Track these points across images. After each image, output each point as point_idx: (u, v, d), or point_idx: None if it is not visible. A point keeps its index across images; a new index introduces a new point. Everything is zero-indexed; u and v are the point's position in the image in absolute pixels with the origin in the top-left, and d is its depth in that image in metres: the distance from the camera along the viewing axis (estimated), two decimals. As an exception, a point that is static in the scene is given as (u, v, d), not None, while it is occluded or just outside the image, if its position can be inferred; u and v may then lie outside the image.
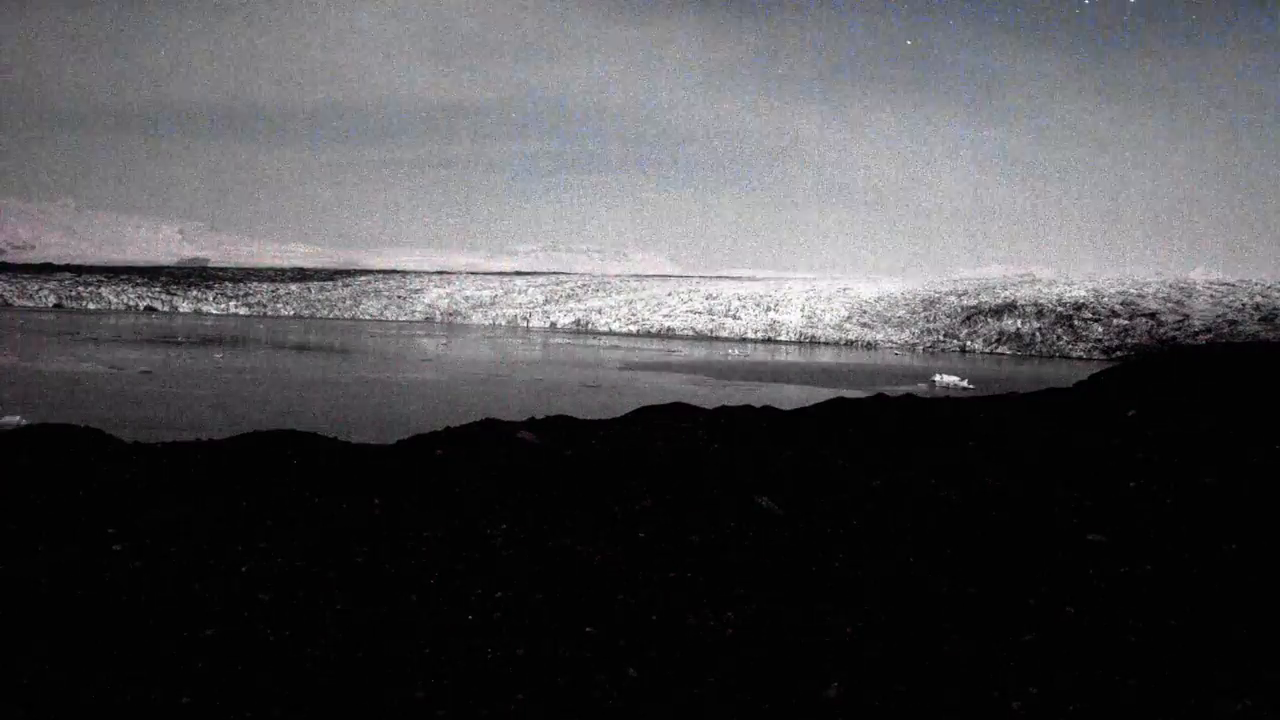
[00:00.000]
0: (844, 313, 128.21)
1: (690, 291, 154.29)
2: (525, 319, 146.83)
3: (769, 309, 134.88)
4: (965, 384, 44.52)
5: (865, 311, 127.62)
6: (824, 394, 26.56)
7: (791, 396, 30.15)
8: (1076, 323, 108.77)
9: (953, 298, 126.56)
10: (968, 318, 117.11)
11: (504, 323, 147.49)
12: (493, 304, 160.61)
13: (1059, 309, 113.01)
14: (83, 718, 2.94)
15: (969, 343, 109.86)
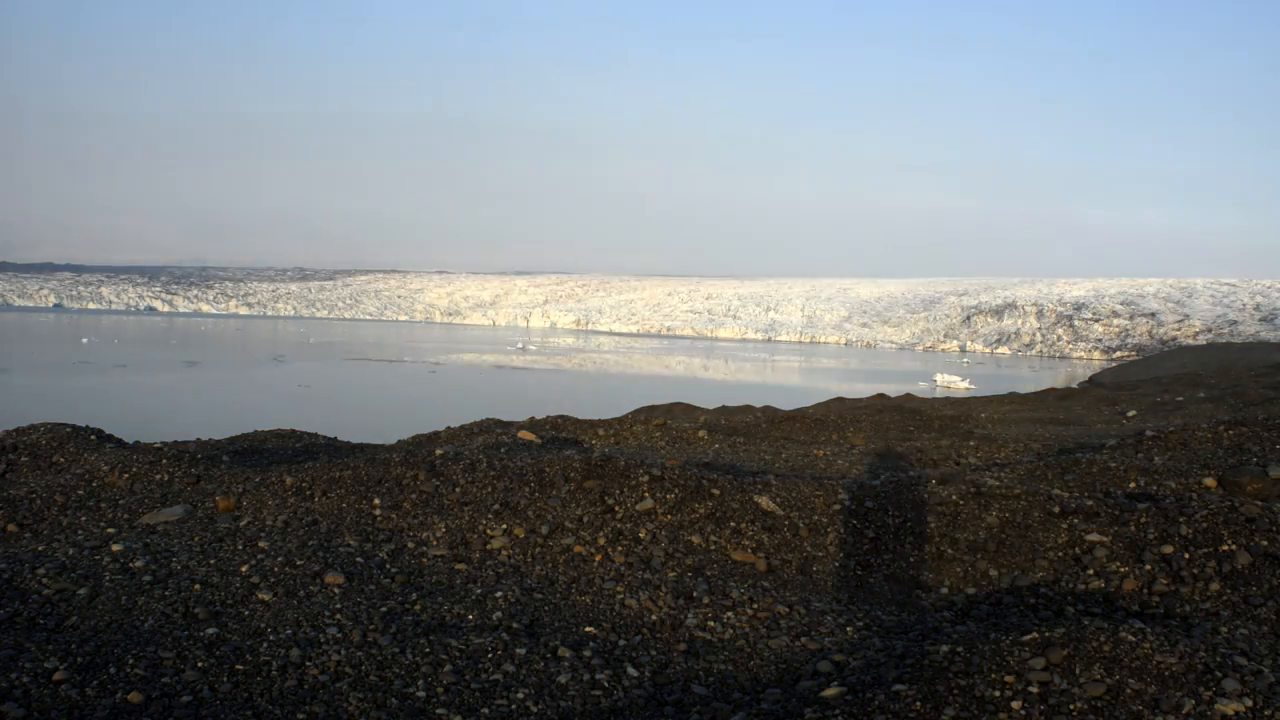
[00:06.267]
0: (844, 312, 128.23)
1: (690, 291, 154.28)
2: (525, 318, 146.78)
3: (769, 309, 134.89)
4: (965, 384, 44.52)
5: (865, 311, 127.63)
6: (824, 393, 26.57)
7: (791, 395, 30.15)
8: (1076, 323, 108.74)
9: (953, 297, 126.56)
10: (968, 318, 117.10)
11: (504, 323, 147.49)
12: (493, 304, 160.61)
13: (1059, 309, 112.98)
14: (83, 718, 2.94)
15: (969, 343, 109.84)
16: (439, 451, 6.43)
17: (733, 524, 5.12)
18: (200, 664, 3.31)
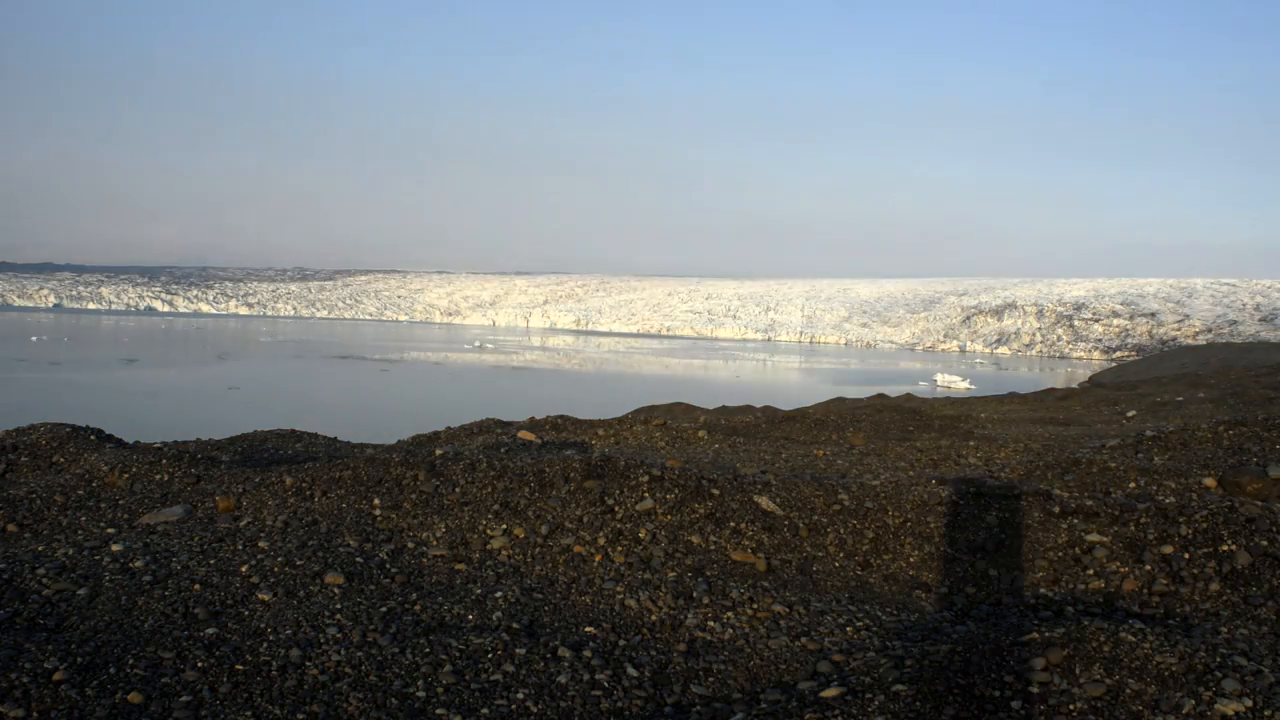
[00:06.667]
0: (844, 312, 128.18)
1: (690, 291, 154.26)
2: (525, 318, 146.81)
3: (769, 309, 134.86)
4: (965, 384, 44.55)
5: (865, 311, 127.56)
6: (824, 393, 26.58)
7: (791, 395, 30.18)
8: (1076, 323, 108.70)
9: (953, 298, 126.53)
10: (968, 318, 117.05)
11: (504, 323, 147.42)
12: (493, 304, 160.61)
13: (1059, 309, 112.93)
14: (82, 718, 2.94)
15: (969, 343, 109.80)
16: (439, 451, 6.43)
17: (732, 524, 5.12)
18: (200, 664, 3.31)
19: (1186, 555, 4.52)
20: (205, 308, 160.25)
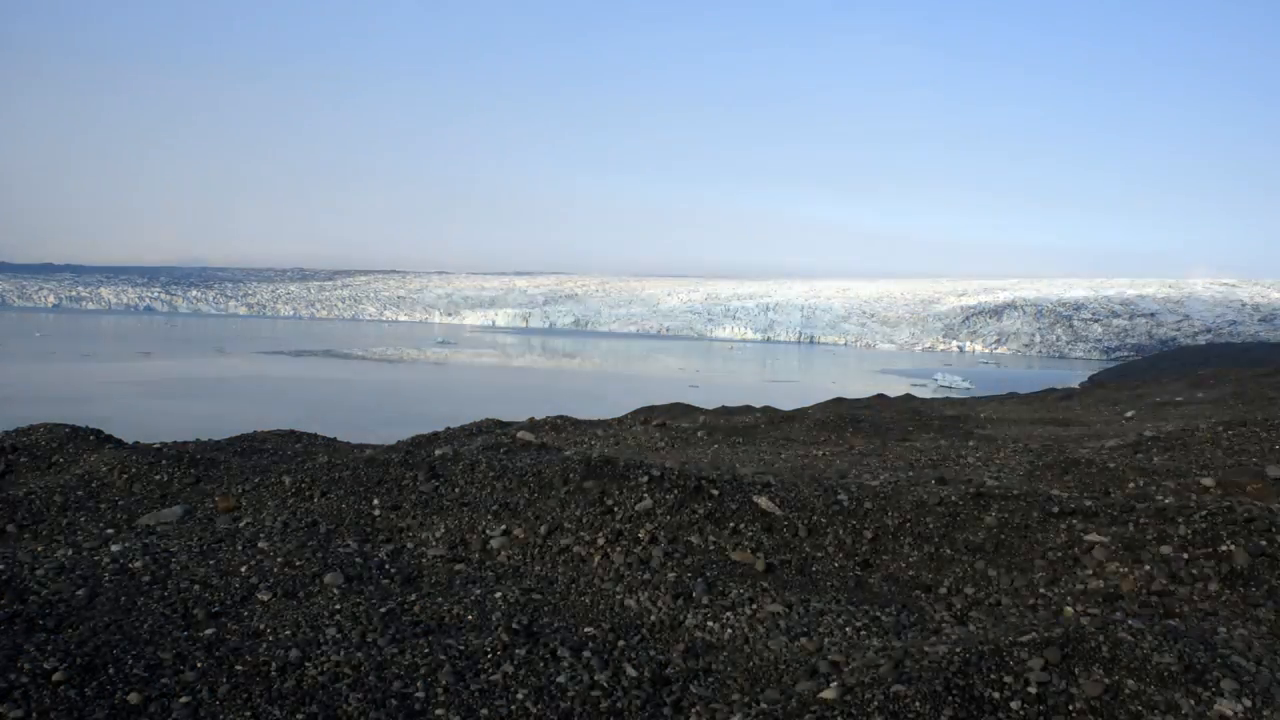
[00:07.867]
0: (843, 312, 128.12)
1: (690, 291, 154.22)
2: (525, 318, 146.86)
3: (768, 309, 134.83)
4: (965, 384, 44.51)
5: (864, 311, 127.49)
6: (824, 393, 26.59)
7: (791, 395, 30.19)
8: (1076, 323, 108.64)
9: (953, 298, 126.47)
10: (967, 318, 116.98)
11: (504, 322, 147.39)
12: (493, 304, 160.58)
13: (1059, 309, 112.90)
14: (81, 718, 2.94)
15: (969, 343, 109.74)
16: (438, 452, 6.43)
17: (732, 524, 5.12)
18: (199, 665, 3.31)
19: (1185, 555, 4.52)
20: (205, 308, 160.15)
